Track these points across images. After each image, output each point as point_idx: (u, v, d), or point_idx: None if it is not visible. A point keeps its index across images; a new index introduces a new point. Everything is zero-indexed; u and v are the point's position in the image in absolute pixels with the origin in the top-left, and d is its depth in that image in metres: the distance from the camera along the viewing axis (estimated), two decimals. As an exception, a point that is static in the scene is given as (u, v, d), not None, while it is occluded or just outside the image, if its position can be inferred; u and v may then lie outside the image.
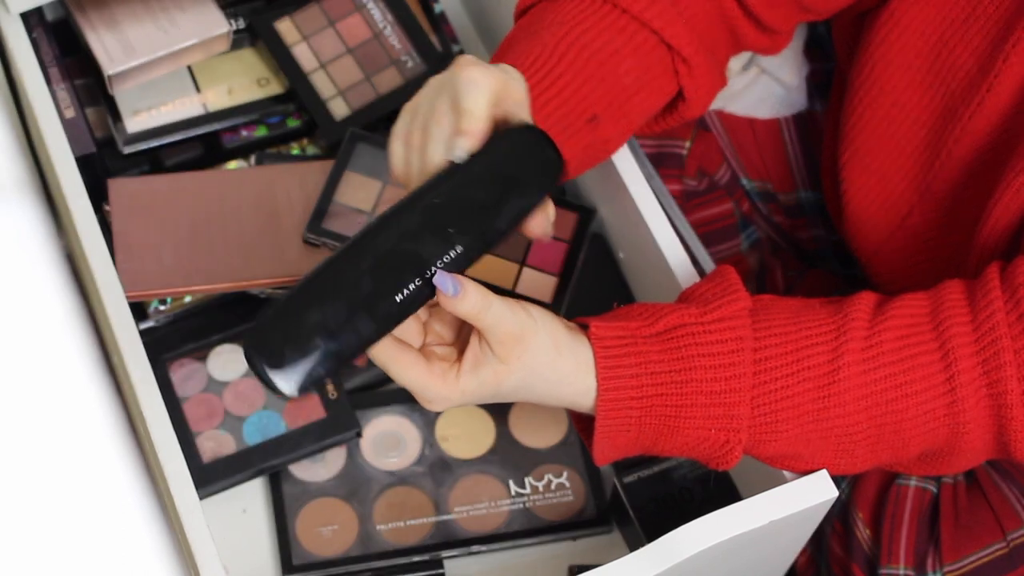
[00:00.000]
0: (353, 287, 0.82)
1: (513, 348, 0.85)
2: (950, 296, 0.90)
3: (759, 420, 0.88)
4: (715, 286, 0.91)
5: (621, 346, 0.88)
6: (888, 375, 0.88)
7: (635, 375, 0.87)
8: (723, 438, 0.88)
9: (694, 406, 0.87)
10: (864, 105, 1.06)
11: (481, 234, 0.84)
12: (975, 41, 0.98)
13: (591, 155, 0.97)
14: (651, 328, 0.88)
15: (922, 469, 0.94)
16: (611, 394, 0.87)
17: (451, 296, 0.83)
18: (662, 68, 0.98)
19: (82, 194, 1.05)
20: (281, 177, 1.15)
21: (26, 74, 1.10)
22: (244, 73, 1.22)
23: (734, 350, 0.88)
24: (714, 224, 1.22)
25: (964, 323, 0.88)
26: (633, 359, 0.87)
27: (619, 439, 0.89)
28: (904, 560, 1.05)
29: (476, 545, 1.09)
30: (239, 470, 1.09)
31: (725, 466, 0.90)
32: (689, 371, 0.87)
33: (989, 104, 0.98)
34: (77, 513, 0.54)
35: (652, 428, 0.89)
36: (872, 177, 1.08)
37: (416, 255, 0.83)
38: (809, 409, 0.88)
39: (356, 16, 1.25)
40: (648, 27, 0.96)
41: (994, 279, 0.89)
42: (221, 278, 1.10)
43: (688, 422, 0.88)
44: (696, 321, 0.88)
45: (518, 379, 0.86)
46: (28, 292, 0.55)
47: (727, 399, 0.87)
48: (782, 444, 0.89)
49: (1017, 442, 0.89)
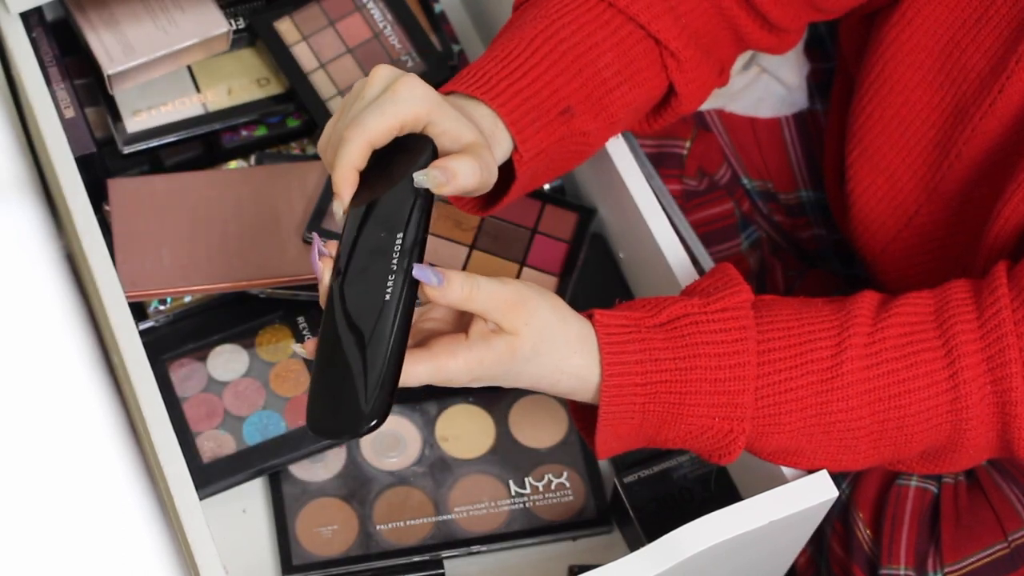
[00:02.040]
0: (353, 329, 0.83)
1: (518, 314, 0.84)
2: (955, 295, 0.90)
3: (762, 411, 0.88)
4: (716, 280, 0.91)
5: (625, 334, 0.88)
6: (891, 371, 0.88)
7: (639, 361, 0.87)
8: (726, 427, 0.88)
9: (698, 393, 0.87)
10: (873, 105, 1.06)
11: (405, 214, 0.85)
12: (987, 42, 0.98)
13: (569, 148, 0.97)
14: (655, 318, 0.88)
15: (924, 467, 0.94)
16: (615, 379, 0.87)
17: (437, 286, 0.83)
18: (647, 62, 0.98)
19: (82, 194, 1.05)
20: (281, 177, 1.15)
21: (26, 74, 1.10)
22: (244, 73, 1.22)
23: (738, 339, 0.88)
24: (714, 224, 1.22)
25: (969, 320, 0.88)
26: (637, 346, 0.87)
27: (622, 427, 0.89)
28: (905, 560, 1.05)
29: (476, 545, 1.09)
30: (239, 470, 1.09)
31: (727, 458, 0.90)
32: (693, 359, 0.87)
33: (1001, 105, 0.98)
34: (77, 513, 0.54)
35: (656, 416, 0.88)
36: (880, 176, 1.08)
37: (379, 267, 0.84)
38: (812, 403, 0.88)
39: (356, 16, 1.25)
40: (634, 21, 0.96)
41: (1001, 277, 0.89)
42: (221, 278, 1.10)
43: (692, 410, 0.88)
44: (700, 311, 0.88)
45: (531, 346, 0.85)
46: (28, 292, 0.55)
47: (731, 387, 0.88)
48: (784, 437, 0.89)
49: (1021, 440, 0.89)
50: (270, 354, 1.14)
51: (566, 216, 1.16)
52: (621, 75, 0.97)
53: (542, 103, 0.94)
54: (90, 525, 0.54)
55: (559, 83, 0.94)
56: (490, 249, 1.14)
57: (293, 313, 1.15)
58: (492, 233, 1.15)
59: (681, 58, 0.98)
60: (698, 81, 1.00)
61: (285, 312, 1.15)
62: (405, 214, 0.85)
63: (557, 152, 0.96)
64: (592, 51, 0.96)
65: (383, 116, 0.85)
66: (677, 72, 0.99)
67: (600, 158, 1.10)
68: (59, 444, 0.54)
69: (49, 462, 0.54)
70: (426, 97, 0.86)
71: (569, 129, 0.95)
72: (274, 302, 1.14)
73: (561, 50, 0.95)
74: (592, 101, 0.96)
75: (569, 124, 0.95)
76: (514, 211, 1.16)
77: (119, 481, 0.54)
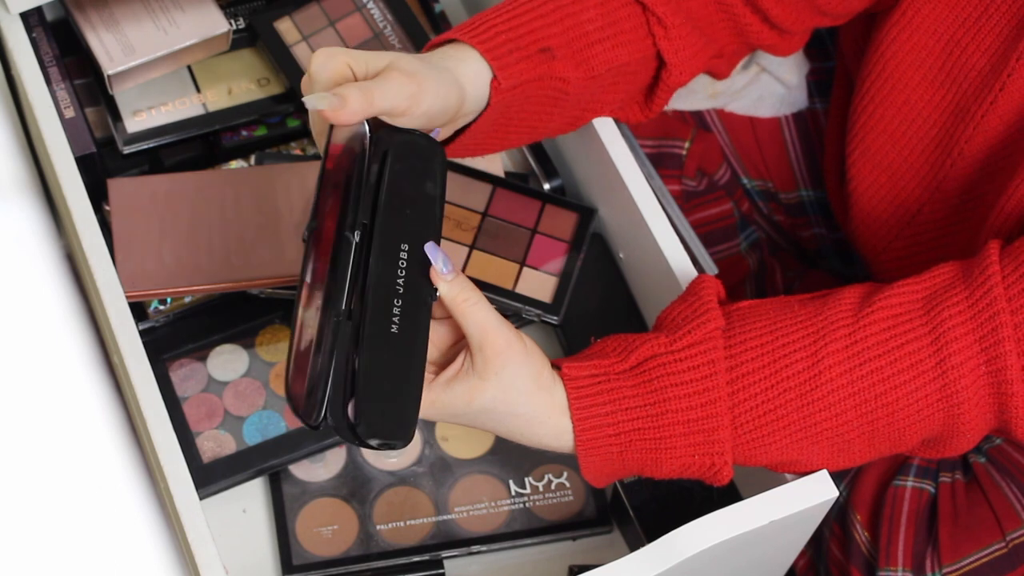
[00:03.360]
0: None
1: (493, 361, 0.86)
2: (943, 277, 0.89)
3: (743, 439, 0.88)
4: (687, 307, 0.91)
5: (594, 384, 0.88)
6: (874, 369, 0.88)
7: (609, 412, 0.88)
8: (708, 462, 0.89)
9: (673, 436, 0.88)
10: (875, 104, 1.06)
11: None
12: (988, 40, 0.98)
13: (546, 92, 0.98)
14: (624, 363, 0.88)
15: (927, 453, 0.94)
16: (588, 434, 0.88)
17: (442, 274, 0.84)
18: (632, 25, 0.99)
19: (82, 194, 1.05)
20: (281, 177, 1.15)
21: (26, 74, 1.10)
22: (244, 73, 1.22)
23: (707, 375, 0.88)
24: (714, 224, 1.22)
25: (958, 303, 0.88)
26: (607, 396, 0.88)
27: (605, 470, 0.90)
28: (903, 562, 1.05)
29: (476, 545, 1.09)
30: (239, 470, 1.09)
31: (719, 483, 0.90)
32: (664, 403, 0.88)
33: (1002, 103, 0.98)
34: (77, 513, 0.54)
35: (635, 461, 0.89)
36: (882, 175, 1.08)
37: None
38: (794, 418, 0.88)
39: (356, 16, 1.25)
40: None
41: (993, 254, 0.88)
42: (221, 278, 1.10)
43: (669, 452, 0.88)
44: (666, 351, 0.88)
45: (490, 398, 0.86)
46: (28, 292, 0.55)
47: (705, 425, 0.88)
48: (773, 454, 0.89)
49: (1018, 419, 0.88)
50: (270, 354, 1.14)
51: (566, 216, 1.16)
52: (603, 31, 0.98)
53: (520, 38, 0.95)
54: (90, 525, 0.54)
55: (538, 25, 0.96)
56: (490, 249, 1.14)
57: (293, 313, 1.15)
58: (492, 233, 1.15)
59: (668, 24, 0.99)
60: (688, 51, 1.01)
61: (285, 312, 1.15)
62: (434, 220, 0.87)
63: (534, 92, 0.97)
64: (575, 4, 0.97)
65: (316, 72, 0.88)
66: (665, 40, 0.99)
67: (600, 158, 1.10)
68: (59, 444, 0.54)
69: (49, 462, 0.54)
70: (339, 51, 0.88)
71: (549, 70, 0.96)
72: (274, 302, 1.14)
73: (542, 0, 0.97)
74: (574, 50, 0.97)
75: (549, 65, 0.96)
76: (514, 211, 1.16)
77: (119, 481, 0.54)
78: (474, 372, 0.86)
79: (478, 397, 0.86)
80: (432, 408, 0.87)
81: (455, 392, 0.86)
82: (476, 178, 1.17)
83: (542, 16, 0.96)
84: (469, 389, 0.86)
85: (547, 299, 1.12)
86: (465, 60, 0.93)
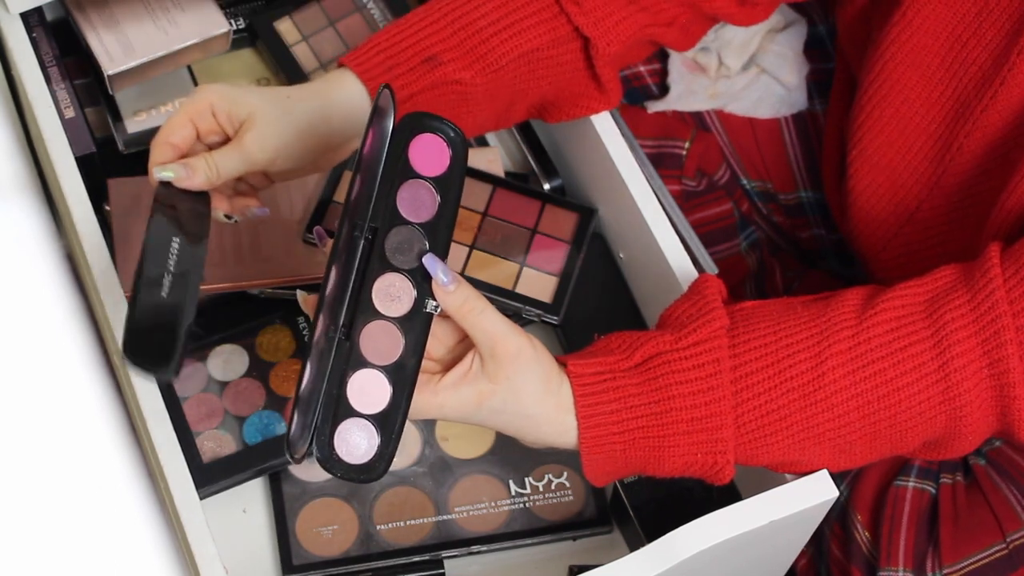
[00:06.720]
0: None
1: (505, 368, 0.86)
2: (945, 280, 0.89)
3: (746, 438, 0.88)
4: (691, 306, 0.91)
5: (600, 382, 0.88)
6: (877, 371, 0.88)
7: (615, 411, 0.88)
8: (710, 460, 0.89)
9: (676, 435, 0.88)
10: (874, 103, 1.06)
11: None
12: (988, 36, 0.98)
13: (446, 95, 1.00)
14: (629, 361, 0.88)
15: (927, 454, 0.94)
16: (592, 431, 0.88)
17: (443, 286, 0.84)
18: (535, 9, 1.01)
19: (82, 194, 1.05)
20: (281, 177, 1.15)
21: (26, 74, 1.10)
22: (244, 73, 1.22)
23: (711, 374, 0.88)
24: (713, 224, 1.22)
25: (960, 305, 0.88)
26: (612, 395, 0.88)
27: (607, 468, 0.90)
28: (903, 562, 1.05)
29: (476, 545, 1.09)
30: (239, 470, 1.09)
31: (720, 482, 0.90)
32: (668, 400, 0.87)
33: (1002, 98, 0.98)
34: (77, 513, 0.54)
35: (638, 459, 0.89)
36: (881, 174, 1.07)
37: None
38: (797, 419, 0.88)
39: (356, 16, 1.25)
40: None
41: (994, 257, 0.89)
42: (221, 278, 1.10)
43: (672, 450, 0.88)
44: (671, 348, 0.88)
45: (500, 401, 0.86)
46: (28, 292, 0.55)
47: (709, 424, 0.88)
48: (775, 454, 0.90)
49: (1021, 421, 0.88)
50: (270, 354, 1.14)
51: (566, 216, 1.16)
52: (499, 24, 1.00)
53: (400, 53, 0.98)
54: (90, 524, 0.54)
55: (424, 35, 0.99)
56: (490, 249, 1.14)
57: (293, 313, 1.15)
58: (492, 233, 1.15)
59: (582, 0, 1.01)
60: (610, 19, 1.03)
61: (285, 312, 1.15)
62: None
63: (433, 100, 0.99)
64: (468, 5, 1.00)
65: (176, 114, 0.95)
66: (580, 16, 1.02)
67: (600, 158, 1.10)
68: (59, 443, 0.54)
69: (49, 461, 0.54)
70: (211, 90, 0.95)
71: (441, 76, 0.99)
72: (274, 302, 1.14)
73: (437, 5, 1.00)
74: (464, 50, 0.99)
75: (438, 71, 0.99)
76: (514, 211, 1.16)
77: (119, 480, 0.54)
78: (484, 375, 0.86)
79: (488, 400, 0.86)
80: (440, 411, 0.87)
81: (463, 395, 0.86)
82: (476, 178, 1.17)
83: (429, 26, 1.00)
84: (478, 393, 0.86)
85: (547, 299, 1.12)
86: (343, 85, 0.98)
